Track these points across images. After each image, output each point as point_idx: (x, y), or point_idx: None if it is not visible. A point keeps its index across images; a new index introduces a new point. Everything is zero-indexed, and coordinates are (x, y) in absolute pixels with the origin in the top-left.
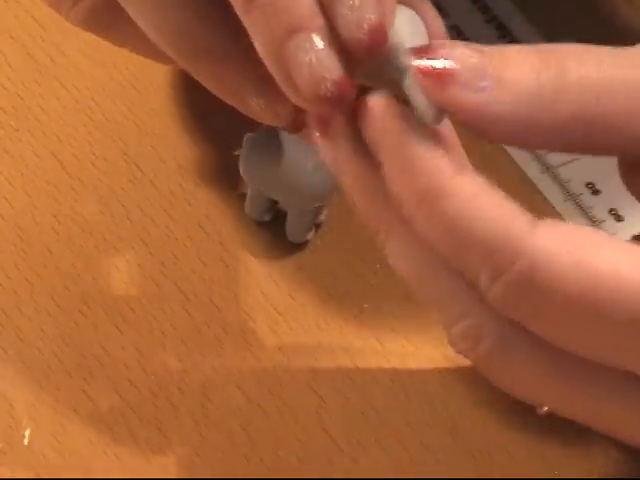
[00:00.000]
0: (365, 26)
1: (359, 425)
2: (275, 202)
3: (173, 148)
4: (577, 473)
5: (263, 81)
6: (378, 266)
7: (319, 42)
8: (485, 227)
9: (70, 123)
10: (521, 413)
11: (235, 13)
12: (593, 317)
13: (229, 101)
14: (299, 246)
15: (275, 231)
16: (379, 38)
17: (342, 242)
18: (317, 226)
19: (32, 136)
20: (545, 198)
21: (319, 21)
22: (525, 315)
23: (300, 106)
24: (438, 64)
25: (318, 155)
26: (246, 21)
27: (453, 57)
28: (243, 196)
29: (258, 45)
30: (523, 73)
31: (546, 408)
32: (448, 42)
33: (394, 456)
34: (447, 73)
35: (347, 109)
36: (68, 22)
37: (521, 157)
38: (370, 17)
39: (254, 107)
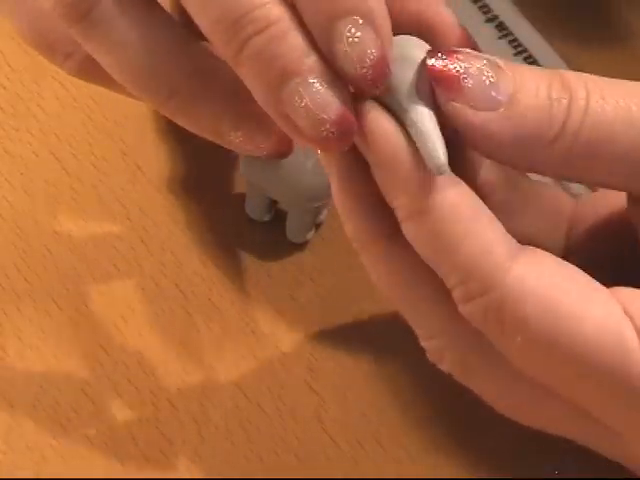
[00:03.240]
0: (367, 61)
1: (359, 425)
2: (275, 202)
3: (173, 148)
4: (577, 473)
5: (239, 115)
6: None
7: (312, 84)
8: (465, 251)
9: (69, 123)
10: None
11: (205, 50)
12: (552, 358)
13: (207, 137)
14: (299, 246)
15: (275, 231)
16: (382, 71)
17: (342, 242)
18: (317, 226)
19: (32, 136)
20: None
21: (310, 60)
22: (489, 335)
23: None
24: (452, 66)
25: (318, 155)
26: (239, 73)
27: (469, 63)
28: (243, 196)
29: (255, 95)
30: (536, 98)
31: None
32: (466, 50)
33: (394, 456)
34: (459, 76)
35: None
36: (63, 72)
37: None
38: (371, 51)
39: (233, 141)
